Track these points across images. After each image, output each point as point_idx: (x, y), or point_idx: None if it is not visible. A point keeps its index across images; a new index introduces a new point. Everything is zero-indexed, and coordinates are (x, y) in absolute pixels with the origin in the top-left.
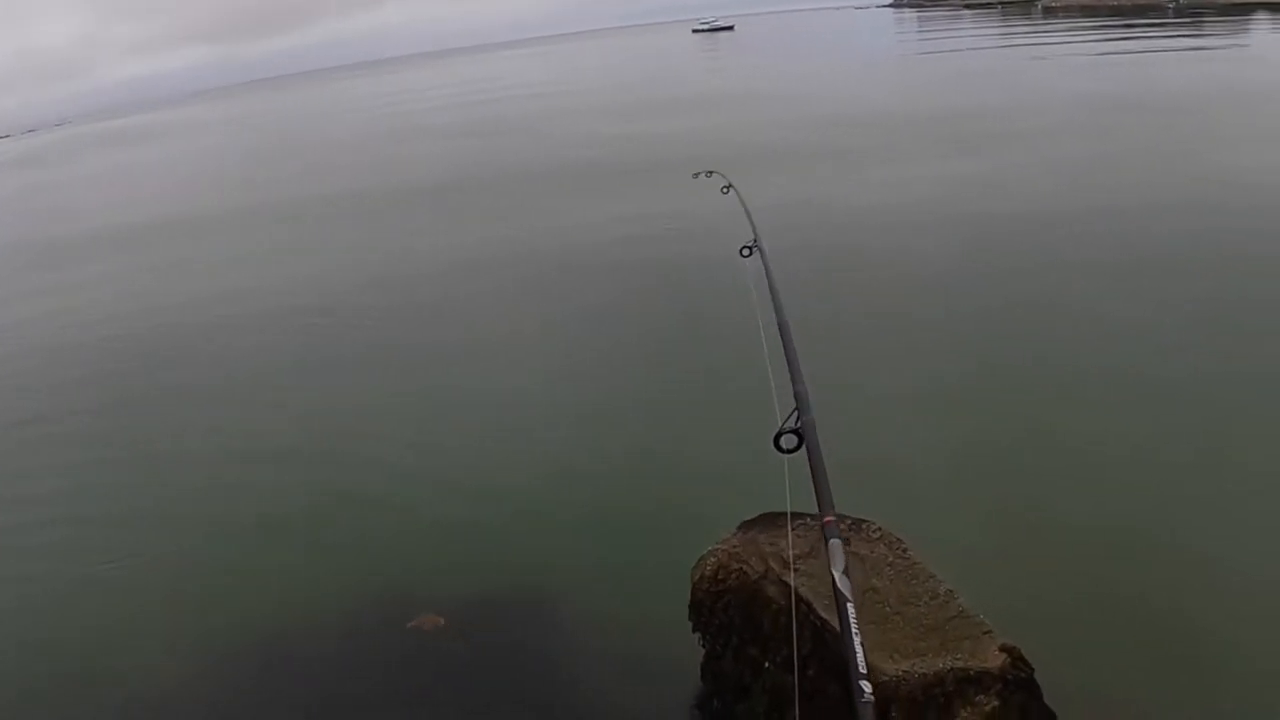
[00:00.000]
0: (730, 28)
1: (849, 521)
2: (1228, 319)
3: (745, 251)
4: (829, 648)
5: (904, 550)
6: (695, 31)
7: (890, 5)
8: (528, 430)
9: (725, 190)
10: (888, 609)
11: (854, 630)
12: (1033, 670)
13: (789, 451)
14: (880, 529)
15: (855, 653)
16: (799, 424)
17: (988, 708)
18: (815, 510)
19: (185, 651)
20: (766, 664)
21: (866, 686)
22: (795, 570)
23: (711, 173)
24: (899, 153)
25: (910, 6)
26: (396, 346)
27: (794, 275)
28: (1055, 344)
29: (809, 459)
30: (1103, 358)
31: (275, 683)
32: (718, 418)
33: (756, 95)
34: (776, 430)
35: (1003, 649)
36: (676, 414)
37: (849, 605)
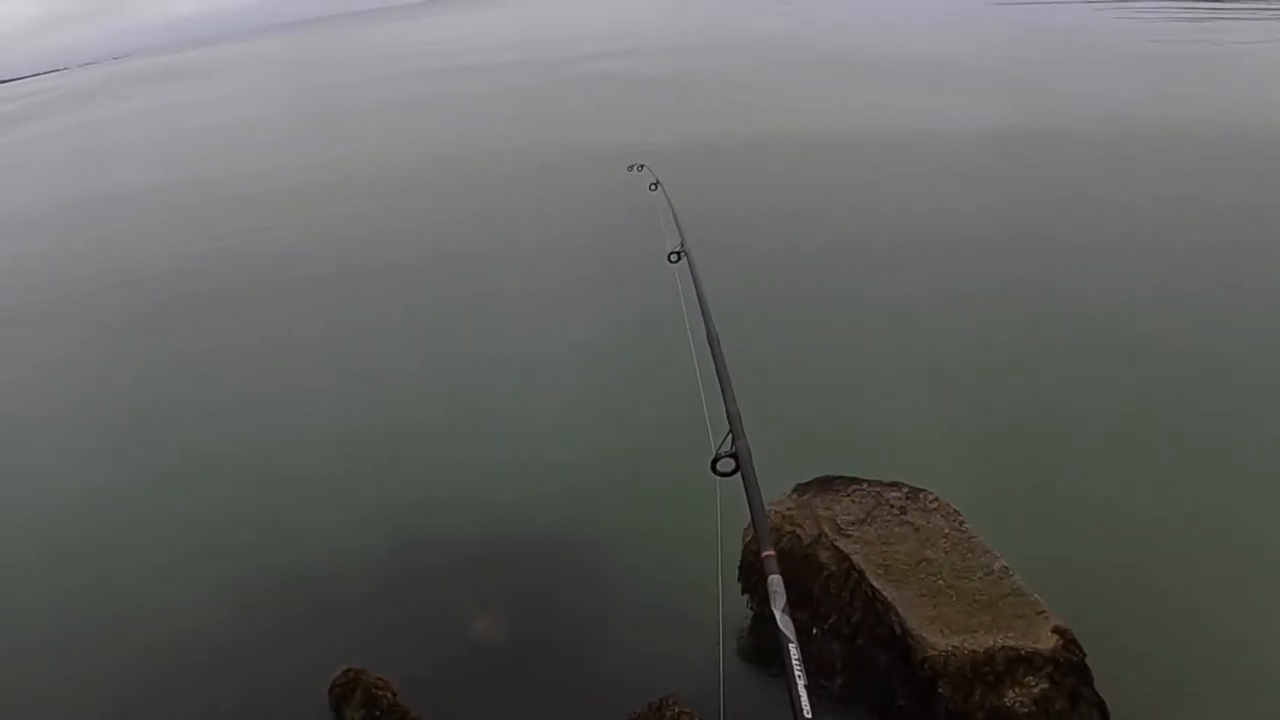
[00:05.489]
0: None
1: (905, 490)
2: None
3: (673, 257)
4: (879, 618)
5: (961, 523)
6: None
7: None
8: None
9: (653, 187)
10: (941, 582)
11: (797, 672)
12: (1085, 655)
13: (726, 475)
14: (937, 499)
15: (799, 696)
16: (734, 448)
17: (1037, 690)
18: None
19: (215, 595)
20: (815, 629)
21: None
22: (848, 536)
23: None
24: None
25: None
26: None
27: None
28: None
29: (744, 487)
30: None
31: (308, 625)
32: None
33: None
34: (712, 455)
35: (1055, 631)
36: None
37: (791, 646)
